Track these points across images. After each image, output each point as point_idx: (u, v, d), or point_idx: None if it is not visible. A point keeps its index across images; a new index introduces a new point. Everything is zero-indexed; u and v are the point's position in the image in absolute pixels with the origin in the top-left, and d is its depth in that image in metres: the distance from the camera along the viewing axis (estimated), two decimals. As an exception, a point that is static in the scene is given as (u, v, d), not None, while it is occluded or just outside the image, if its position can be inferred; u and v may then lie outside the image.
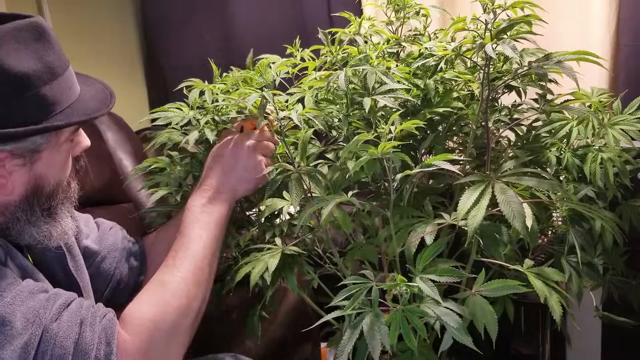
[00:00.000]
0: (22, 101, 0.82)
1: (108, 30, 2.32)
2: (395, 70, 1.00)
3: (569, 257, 1.01)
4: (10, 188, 0.87)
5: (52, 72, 0.85)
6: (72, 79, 0.90)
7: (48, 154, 0.88)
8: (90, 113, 0.90)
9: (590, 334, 1.35)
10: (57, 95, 0.86)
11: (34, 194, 0.89)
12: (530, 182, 0.90)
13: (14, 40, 0.82)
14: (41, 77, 0.84)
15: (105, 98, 0.95)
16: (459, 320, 0.83)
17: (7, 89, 0.81)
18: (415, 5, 1.13)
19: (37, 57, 0.84)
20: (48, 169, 0.90)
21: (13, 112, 0.82)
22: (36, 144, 0.86)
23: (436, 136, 1.06)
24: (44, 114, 0.84)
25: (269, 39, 2.16)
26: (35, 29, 0.85)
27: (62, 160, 0.92)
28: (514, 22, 0.91)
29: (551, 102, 1.08)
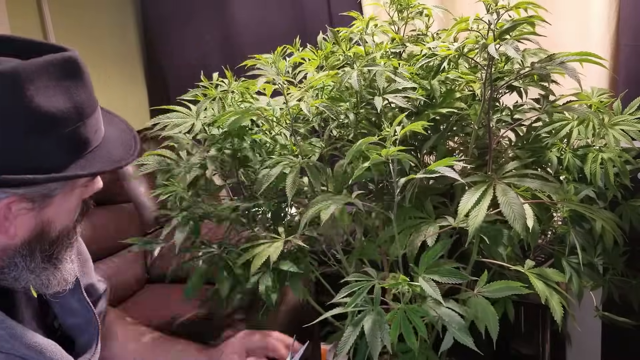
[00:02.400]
0: (44, 143, 0.75)
1: (108, 31, 2.32)
2: (402, 70, 1.00)
3: (570, 257, 1.01)
4: (13, 232, 0.80)
5: (80, 113, 0.78)
6: (99, 121, 0.83)
7: (60, 199, 0.81)
8: (115, 162, 0.83)
9: (590, 334, 1.35)
10: (82, 138, 0.79)
11: (38, 240, 0.82)
12: (532, 184, 0.90)
13: (46, 76, 0.75)
14: (68, 119, 0.77)
15: (129, 143, 0.87)
16: (460, 321, 0.83)
17: (30, 129, 0.73)
18: (418, 5, 1.13)
19: (67, 96, 0.77)
20: (57, 215, 0.83)
21: (33, 154, 0.74)
22: (51, 190, 0.79)
23: (438, 136, 1.06)
24: (66, 159, 0.77)
25: (269, 39, 2.16)
26: (70, 64, 0.79)
27: (73, 206, 0.85)
28: (517, 23, 0.91)
29: (553, 103, 1.08)
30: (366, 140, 0.89)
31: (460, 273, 0.86)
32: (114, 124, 0.89)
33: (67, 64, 0.78)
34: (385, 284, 0.87)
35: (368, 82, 1.01)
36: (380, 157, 0.86)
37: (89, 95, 0.80)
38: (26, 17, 1.98)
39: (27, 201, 0.78)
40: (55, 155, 0.76)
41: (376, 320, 0.83)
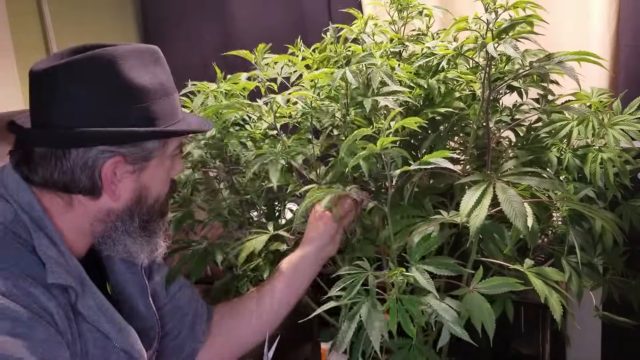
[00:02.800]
0: (139, 110, 0.88)
1: (108, 31, 2.32)
2: (399, 70, 1.00)
3: (569, 257, 1.01)
4: (118, 194, 0.91)
5: (164, 90, 0.92)
6: (178, 102, 0.97)
7: (155, 164, 0.93)
8: (196, 127, 0.98)
9: (590, 334, 1.35)
10: (167, 110, 0.92)
11: (137, 204, 0.93)
12: (531, 181, 0.90)
13: (134, 58, 0.89)
14: (156, 92, 0.90)
15: (203, 120, 1.03)
16: (454, 314, 0.83)
17: (127, 97, 0.87)
18: (418, 5, 1.13)
19: (153, 75, 0.91)
20: (152, 181, 0.94)
21: (131, 119, 0.87)
22: (148, 151, 0.91)
23: (437, 136, 1.06)
24: (157, 124, 0.90)
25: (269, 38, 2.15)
26: (153, 53, 0.93)
27: (164, 175, 0.96)
28: (515, 22, 0.91)
29: (552, 103, 1.08)
30: (360, 132, 0.88)
31: (455, 265, 0.87)
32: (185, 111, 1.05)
33: (150, 52, 0.93)
34: (378, 273, 0.88)
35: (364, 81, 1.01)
36: (374, 148, 0.86)
37: (168, 77, 0.95)
38: (26, 17, 1.98)
39: (129, 164, 0.90)
40: (147, 120, 0.89)
41: (372, 310, 0.84)
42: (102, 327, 0.90)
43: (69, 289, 0.86)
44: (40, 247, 0.85)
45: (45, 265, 0.84)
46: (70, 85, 0.86)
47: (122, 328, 0.93)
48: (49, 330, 0.81)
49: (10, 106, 1.66)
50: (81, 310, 0.88)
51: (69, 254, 0.89)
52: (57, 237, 0.88)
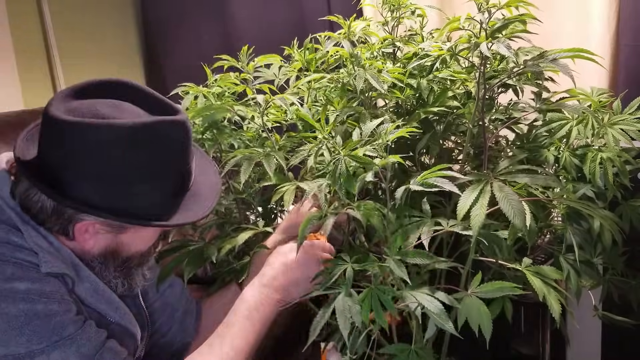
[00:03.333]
0: (134, 191, 0.87)
1: (108, 31, 2.32)
2: (386, 74, 1.00)
3: (567, 255, 1.01)
4: (91, 244, 0.93)
5: (169, 170, 0.90)
6: (189, 175, 0.94)
7: (135, 230, 0.93)
8: (188, 219, 0.93)
9: (590, 334, 1.35)
10: (167, 191, 0.91)
11: (112, 256, 0.95)
12: (525, 178, 0.90)
13: (149, 135, 0.86)
14: (158, 174, 0.89)
15: (210, 198, 0.97)
16: (440, 306, 0.83)
17: (123, 178, 0.86)
18: (410, 5, 1.13)
19: (163, 155, 0.88)
20: (132, 240, 0.95)
21: (122, 198, 0.87)
22: (120, 225, 0.91)
23: (432, 136, 1.06)
24: (150, 207, 0.89)
25: (269, 38, 2.16)
26: (176, 127, 0.88)
27: (149, 236, 0.97)
28: (508, 21, 0.91)
29: (547, 101, 1.08)
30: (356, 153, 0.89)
31: (428, 254, 0.88)
32: (206, 174, 1.00)
33: (172, 127, 0.88)
34: (357, 266, 0.89)
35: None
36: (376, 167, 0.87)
37: (183, 153, 0.92)
38: (26, 17, 1.98)
39: (106, 226, 0.91)
40: (142, 201, 0.88)
41: (346, 301, 0.86)
42: (99, 307, 0.94)
43: (65, 276, 0.89)
44: (30, 239, 0.88)
45: (38, 255, 0.87)
46: (73, 149, 0.85)
47: (118, 307, 0.97)
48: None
49: (10, 106, 1.66)
50: (79, 294, 0.91)
51: (58, 243, 0.91)
52: (42, 230, 0.90)
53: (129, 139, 0.84)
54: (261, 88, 1.13)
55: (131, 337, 0.99)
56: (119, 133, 0.84)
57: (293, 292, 1.01)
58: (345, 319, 0.84)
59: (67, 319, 0.85)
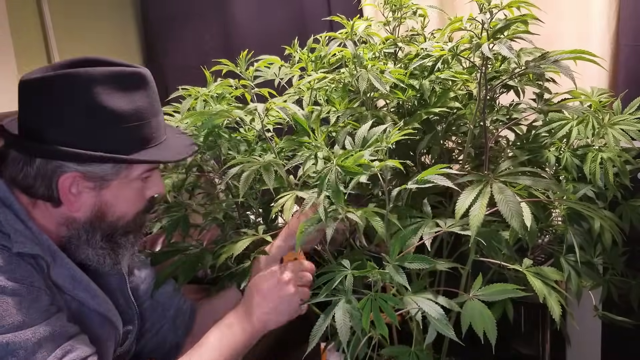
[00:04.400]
0: (107, 133, 0.92)
1: (108, 31, 2.32)
2: (388, 74, 1.00)
3: (568, 255, 1.01)
4: (77, 206, 0.95)
5: (140, 115, 0.94)
6: (159, 125, 0.99)
7: (117, 185, 0.95)
8: (168, 157, 0.99)
9: (590, 334, 1.35)
10: (139, 136, 0.95)
11: (98, 219, 0.96)
12: (526, 181, 0.90)
13: (113, 82, 0.92)
14: (129, 118, 0.93)
15: (185, 144, 1.03)
16: (440, 311, 0.83)
17: (97, 120, 0.91)
18: (412, 5, 1.13)
19: (130, 100, 0.93)
20: (115, 200, 0.96)
21: (97, 141, 0.91)
22: (106, 173, 0.94)
23: (433, 136, 1.06)
24: (122, 150, 0.92)
25: (269, 38, 2.16)
26: (136, 78, 0.95)
27: (131, 196, 0.98)
28: (510, 22, 0.91)
29: (549, 102, 1.08)
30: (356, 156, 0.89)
31: (427, 258, 0.87)
32: (178, 139, 1.05)
33: (133, 76, 0.95)
34: (357, 272, 0.89)
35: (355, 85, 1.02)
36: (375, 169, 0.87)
37: (150, 103, 0.97)
38: (26, 17, 1.98)
39: (88, 180, 0.93)
40: (116, 145, 0.92)
41: (347, 309, 0.86)
42: (77, 294, 0.95)
43: (39, 258, 0.91)
44: (5, 221, 0.90)
45: (10, 237, 0.89)
46: (47, 100, 0.91)
47: (97, 294, 0.98)
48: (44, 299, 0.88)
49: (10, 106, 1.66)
50: (56, 280, 0.92)
51: (37, 229, 0.93)
52: (23, 214, 0.93)
53: (94, 86, 0.90)
54: (260, 92, 1.13)
55: (112, 325, 1.00)
56: (85, 80, 0.90)
57: (269, 321, 1.01)
58: (345, 326, 0.84)
59: (34, 308, 0.86)
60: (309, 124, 1.01)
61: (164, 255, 1.17)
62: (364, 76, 0.97)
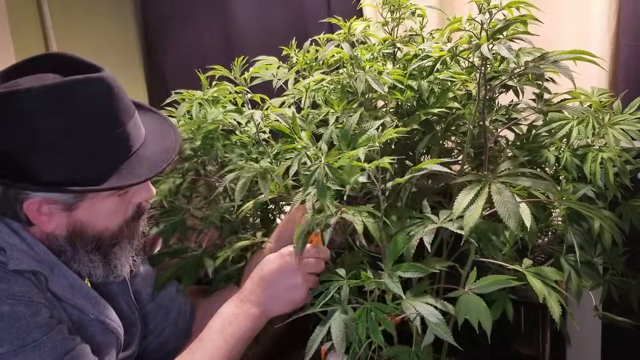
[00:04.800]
0: (66, 156, 0.84)
1: (108, 30, 2.32)
2: (386, 75, 1.00)
3: (568, 256, 1.01)
4: (53, 225, 0.90)
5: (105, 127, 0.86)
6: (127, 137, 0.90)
7: (88, 204, 0.90)
8: (124, 183, 0.89)
9: (590, 334, 1.35)
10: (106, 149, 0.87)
11: (76, 236, 0.92)
12: (526, 182, 0.90)
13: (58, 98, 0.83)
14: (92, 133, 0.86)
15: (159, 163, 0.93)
16: (438, 315, 0.83)
17: (44, 145, 0.83)
18: (410, 5, 1.13)
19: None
20: (90, 217, 0.91)
21: (54, 167, 0.84)
22: (66, 200, 0.88)
23: (432, 137, 1.06)
24: (84, 173, 0.86)
25: (269, 39, 2.16)
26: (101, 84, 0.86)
27: (109, 210, 0.93)
28: (509, 22, 0.91)
29: (548, 102, 1.08)
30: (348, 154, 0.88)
31: (422, 267, 0.87)
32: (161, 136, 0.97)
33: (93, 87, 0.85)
34: (353, 282, 0.88)
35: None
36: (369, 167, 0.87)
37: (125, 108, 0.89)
38: (26, 17, 1.98)
39: (54, 203, 0.88)
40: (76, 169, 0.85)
41: (343, 319, 0.85)
42: (77, 303, 0.92)
43: (36, 273, 0.88)
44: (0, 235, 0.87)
45: (6, 252, 0.86)
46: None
47: (97, 302, 0.95)
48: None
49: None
50: (55, 290, 0.90)
51: (32, 239, 0.90)
52: (16, 225, 0.89)
53: (40, 104, 0.82)
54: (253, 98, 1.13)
55: (113, 333, 0.98)
56: (26, 98, 0.82)
57: (274, 307, 0.97)
58: (340, 338, 0.83)
59: (33, 323, 0.84)
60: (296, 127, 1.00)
61: (162, 256, 1.17)
62: (361, 77, 0.97)
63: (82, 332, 0.93)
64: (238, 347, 0.96)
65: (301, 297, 0.96)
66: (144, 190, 0.96)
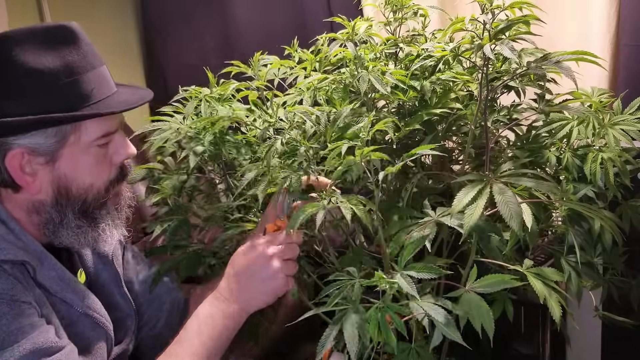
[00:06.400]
0: (38, 95, 0.85)
1: (108, 30, 2.32)
2: (389, 76, 1.00)
3: (568, 257, 1.01)
4: (37, 186, 0.90)
5: (70, 71, 0.87)
6: (99, 81, 0.91)
7: (69, 154, 0.90)
8: (114, 107, 0.91)
9: (590, 334, 1.35)
10: (75, 93, 0.88)
11: (63, 196, 0.91)
12: (528, 182, 0.90)
13: (38, 39, 0.86)
14: (59, 75, 0.86)
15: (136, 95, 0.96)
16: (446, 316, 0.83)
17: (22, 83, 0.85)
18: (413, 5, 1.13)
19: (59, 56, 0.87)
20: (74, 171, 0.91)
21: (30, 106, 0.85)
22: (50, 142, 0.88)
23: (434, 137, 1.06)
24: (60, 110, 0.86)
25: (269, 39, 2.16)
26: (64, 31, 0.89)
27: (91, 164, 0.92)
28: (512, 23, 0.91)
29: (550, 102, 1.08)
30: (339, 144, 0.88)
31: (437, 268, 0.86)
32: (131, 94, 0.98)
33: (59, 31, 0.88)
34: (364, 282, 0.88)
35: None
36: (355, 159, 0.86)
37: (82, 57, 0.89)
38: (26, 17, 1.98)
39: (37, 155, 0.87)
40: (51, 105, 0.86)
41: (355, 319, 0.84)
42: (66, 296, 0.91)
43: (24, 263, 0.87)
44: None
45: None
46: None
47: (85, 295, 0.94)
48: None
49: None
50: (42, 282, 0.89)
51: (19, 229, 0.90)
52: (3, 215, 0.89)
53: (12, 47, 0.84)
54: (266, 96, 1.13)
55: (101, 328, 0.97)
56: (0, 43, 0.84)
57: (253, 301, 0.95)
58: (354, 338, 0.82)
59: (15, 323, 0.82)
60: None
61: (162, 249, 1.17)
62: (365, 77, 0.97)
63: (72, 327, 0.92)
64: (217, 347, 0.94)
65: (280, 286, 0.94)
66: (122, 147, 0.96)
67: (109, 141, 0.94)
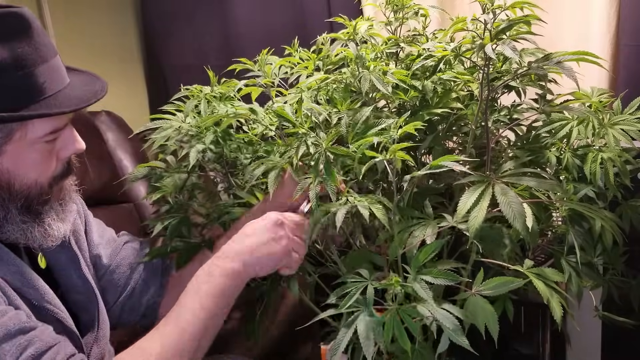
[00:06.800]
0: None
1: (108, 30, 2.32)
2: (390, 75, 1.00)
3: (569, 257, 1.01)
4: None
5: (20, 64, 0.83)
6: (51, 74, 0.88)
7: (14, 150, 0.86)
8: (50, 111, 0.86)
9: (590, 334, 1.35)
10: (25, 88, 0.84)
11: (4, 190, 0.88)
12: (530, 182, 0.90)
13: None
14: (7, 69, 0.82)
15: (85, 97, 0.91)
16: (455, 322, 0.83)
17: None
18: (414, 5, 1.13)
19: (9, 48, 0.83)
20: (17, 167, 0.88)
21: None
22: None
23: (435, 137, 1.06)
24: (7, 106, 0.82)
25: (269, 38, 2.15)
26: (16, 20, 0.84)
27: (36, 159, 0.89)
28: (513, 23, 0.91)
29: (551, 103, 1.08)
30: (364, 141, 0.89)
31: (454, 275, 0.86)
32: (86, 83, 0.94)
33: (10, 20, 0.83)
34: (378, 284, 0.87)
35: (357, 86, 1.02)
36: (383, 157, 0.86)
37: (34, 49, 0.85)
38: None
39: None
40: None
41: (369, 322, 0.84)
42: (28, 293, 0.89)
43: None
44: None
45: None
46: None
47: (45, 291, 0.92)
48: None
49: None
50: (4, 277, 0.87)
51: None
52: None
53: None
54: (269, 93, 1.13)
55: (60, 323, 0.94)
56: None
57: (254, 260, 0.93)
58: (369, 341, 0.82)
59: None
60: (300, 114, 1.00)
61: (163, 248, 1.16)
62: (366, 77, 0.97)
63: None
64: (218, 308, 0.91)
65: (282, 252, 0.94)
66: (71, 142, 0.93)
67: (57, 137, 0.91)
